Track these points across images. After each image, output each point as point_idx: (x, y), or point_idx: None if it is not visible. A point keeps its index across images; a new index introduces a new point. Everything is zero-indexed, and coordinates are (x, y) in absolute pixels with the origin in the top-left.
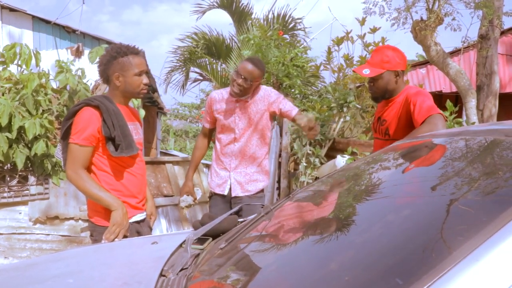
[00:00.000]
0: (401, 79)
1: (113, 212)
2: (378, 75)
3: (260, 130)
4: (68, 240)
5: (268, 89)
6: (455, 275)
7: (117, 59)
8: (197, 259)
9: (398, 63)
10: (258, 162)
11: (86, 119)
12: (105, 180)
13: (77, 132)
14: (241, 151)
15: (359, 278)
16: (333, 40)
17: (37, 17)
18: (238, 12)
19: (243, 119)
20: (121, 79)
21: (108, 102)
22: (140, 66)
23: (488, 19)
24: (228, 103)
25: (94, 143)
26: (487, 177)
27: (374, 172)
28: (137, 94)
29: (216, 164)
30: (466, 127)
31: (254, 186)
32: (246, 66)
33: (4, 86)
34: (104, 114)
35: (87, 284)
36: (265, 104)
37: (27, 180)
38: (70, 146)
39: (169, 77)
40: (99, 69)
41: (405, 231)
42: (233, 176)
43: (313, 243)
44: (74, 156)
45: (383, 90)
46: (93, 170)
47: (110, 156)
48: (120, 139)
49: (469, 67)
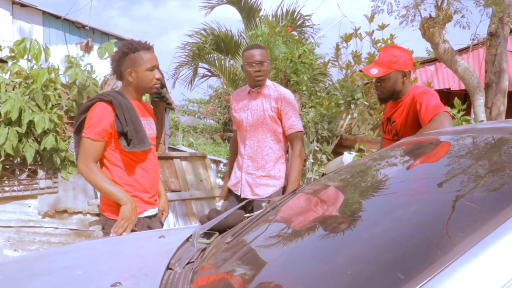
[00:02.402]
0: (408, 80)
1: (122, 207)
2: (386, 75)
3: (273, 130)
4: (77, 233)
5: (284, 95)
6: (455, 270)
7: (129, 55)
8: (203, 253)
9: (405, 63)
10: (270, 166)
11: (99, 114)
12: (117, 174)
13: (89, 127)
14: (253, 150)
15: (362, 272)
16: (342, 37)
17: (47, 13)
18: (247, 8)
19: (253, 115)
20: (134, 74)
21: (121, 98)
22: (152, 61)
23: (498, 17)
24: (242, 99)
25: (106, 138)
26: (491, 174)
27: (380, 169)
28: (150, 89)
29: (236, 163)
30: (472, 125)
31: (264, 190)
32: (253, 52)
33: (14, 81)
34: (117, 109)
35: (95, 276)
36: (274, 107)
37: (36, 174)
38: (83, 140)
39: (178, 72)
40: (111, 66)
41: (407, 227)
42: (244, 177)
43: (318, 238)
44: (86, 150)
45: (390, 91)
46: (105, 164)
47: (122, 151)
48: (132, 134)
49: (477, 64)
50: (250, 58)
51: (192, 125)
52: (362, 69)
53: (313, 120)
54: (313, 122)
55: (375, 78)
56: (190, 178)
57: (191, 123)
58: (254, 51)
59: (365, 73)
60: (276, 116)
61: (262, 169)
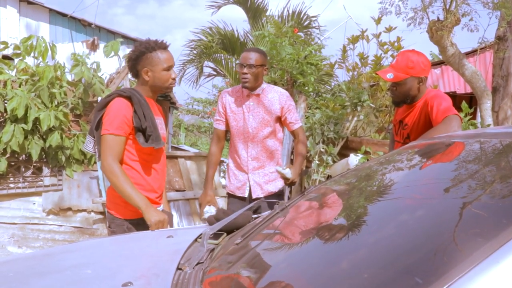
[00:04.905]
0: (423, 86)
1: (145, 215)
2: (402, 80)
3: (273, 130)
4: (81, 231)
5: (285, 94)
6: (475, 276)
7: (146, 55)
8: (212, 254)
9: (422, 69)
10: (277, 160)
11: (117, 109)
12: (128, 174)
13: (110, 123)
14: (257, 151)
15: (379, 276)
16: (348, 38)
17: (54, 10)
18: (253, 9)
19: (256, 117)
20: (150, 74)
21: (138, 95)
22: (169, 61)
23: (507, 20)
24: (240, 100)
25: (126, 133)
26: (507, 179)
27: (390, 171)
28: (166, 88)
29: (234, 166)
30: (483, 129)
31: (274, 185)
32: (246, 54)
33: (20, 78)
34: (136, 105)
35: (105, 275)
36: (278, 108)
37: (41, 171)
38: (105, 137)
39: (184, 70)
40: (128, 64)
41: (425, 231)
42: (252, 178)
43: (328, 240)
44: (109, 147)
45: (405, 96)
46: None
47: (138, 148)
48: (151, 129)
49: (484, 68)
50: (242, 59)
51: (196, 124)
52: (378, 72)
53: (319, 122)
54: (319, 123)
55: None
56: (194, 178)
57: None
58: (248, 54)
59: (381, 77)
60: (279, 115)
61: (268, 167)
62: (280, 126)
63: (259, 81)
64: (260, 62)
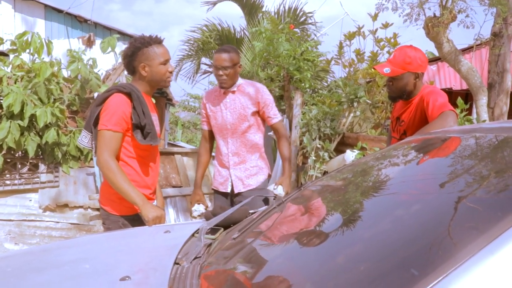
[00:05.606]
0: (420, 81)
1: (142, 211)
2: (398, 75)
3: (252, 124)
4: (77, 228)
5: (262, 89)
6: (470, 267)
7: (142, 50)
8: (209, 248)
9: (419, 65)
10: (256, 156)
11: (116, 105)
12: (124, 170)
13: (108, 118)
14: (237, 147)
15: (375, 269)
16: (345, 35)
17: (49, 6)
18: (249, 5)
19: (233, 113)
20: (147, 69)
21: (137, 91)
22: (165, 55)
23: (502, 17)
24: (217, 98)
25: (124, 130)
26: (502, 173)
27: (386, 166)
28: (164, 82)
29: (217, 162)
30: (479, 124)
31: (255, 180)
32: (220, 56)
33: (16, 74)
34: (135, 102)
35: (103, 269)
36: (255, 102)
37: (37, 167)
38: (102, 133)
39: (180, 65)
40: (124, 62)
41: (421, 224)
42: (233, 173)
43: (325, 234)
44: (106, 143)
45: (401, 91)
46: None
47: (135, 145)
48: (150, 127)
49: (480, 64)
50: (215, 61)
51: (192, 121)
52: (375, 66)
53: (316, 118)
54: (316, 119)
55: (387, 76)
56: (191, 174)
57: (191, 119)
58: (221, 55)
59: (378, 71)
60: (256, 110)
61: (249, 161)
62: (261, 120)
63: (235, 79)
64: (234, 61)
